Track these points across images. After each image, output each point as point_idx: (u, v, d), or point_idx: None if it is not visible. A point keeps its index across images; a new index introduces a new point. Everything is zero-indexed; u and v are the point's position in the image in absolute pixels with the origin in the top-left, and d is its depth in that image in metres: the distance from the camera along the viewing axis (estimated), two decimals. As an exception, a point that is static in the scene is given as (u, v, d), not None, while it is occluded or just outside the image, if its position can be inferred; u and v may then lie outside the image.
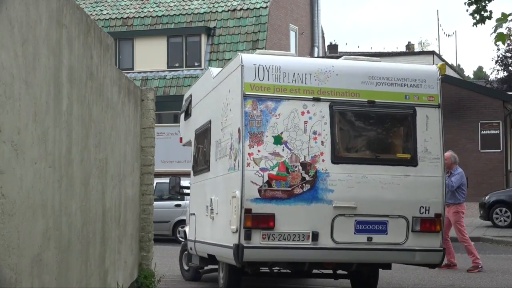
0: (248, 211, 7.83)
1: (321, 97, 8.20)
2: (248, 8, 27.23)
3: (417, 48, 59.40)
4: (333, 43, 47.99)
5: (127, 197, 8.03)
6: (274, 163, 7.98)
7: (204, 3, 28.17)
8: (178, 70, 27.30)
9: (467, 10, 12.41)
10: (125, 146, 7.82)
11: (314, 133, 8.14)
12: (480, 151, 24.46)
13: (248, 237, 7.84)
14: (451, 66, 31.27)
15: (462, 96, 24.85)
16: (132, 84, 8.49)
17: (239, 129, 8.08)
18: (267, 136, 8.01)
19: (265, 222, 7.89)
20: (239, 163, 8.02)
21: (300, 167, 8.05)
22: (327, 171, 8.10)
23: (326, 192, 8.07)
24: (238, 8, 27.32)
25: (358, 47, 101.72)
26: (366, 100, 8.35)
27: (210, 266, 10.43)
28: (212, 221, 9.18)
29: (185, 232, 11.74)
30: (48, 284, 4.71)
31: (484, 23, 12.26)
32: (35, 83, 4.39)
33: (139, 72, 27.63)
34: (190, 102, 11.27)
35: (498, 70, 41.27)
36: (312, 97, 8.18)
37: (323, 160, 8.11)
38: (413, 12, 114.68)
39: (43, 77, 4.55)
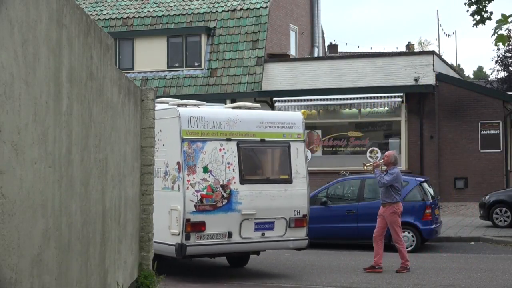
0: (188, 220, 11.05)
1: (231, 138, 11.58)
2: (248, 8, 27.20)
3: (417, 48, 59.35)
4: (333, 43, 47.94)
5: (127, 197, 8.03)
6: (204, 186, 11.25)
7: (204, 3, 28.14)
8: (178, 70, 27.28)
9: (467, 11, 12.41)
10: (125, 146, 7.82)
11: (228, 163, 11.51)
12: (480, 151, 24.42)
13: (188, 238, 11.06)
14: (451, 66, 31.23)
15: (462, 96, 24.81)
16: (132, 84, 8.49)
17: (178, 163, 11.24)
18: (198, 167, 11.26)
19: (199, 227, 11.14)
20: (179, 186, 11.20)
21: (221, 188, 11.40)
22: (237, 190, 11.53)
23: (237, 204, 11.51)
24: (238, 8, 27.30)
25: (358, 47, 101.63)
26: (260, 139, 11.89)
27: None
28: None
29: None
30: (48, 284, 4.71)
31: (484, 24, 12.26)
32: (35, 83, 4.39)
33: (139, 72, 27.61)
34: None
35: (498, 70, 41.26)
36: (225, 138, 11.54)
37: (234, 182, 11.51)
38: (413, 12, 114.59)
39: (43, 77, 4.55)
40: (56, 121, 4.86)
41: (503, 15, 7.24)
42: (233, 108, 12.40)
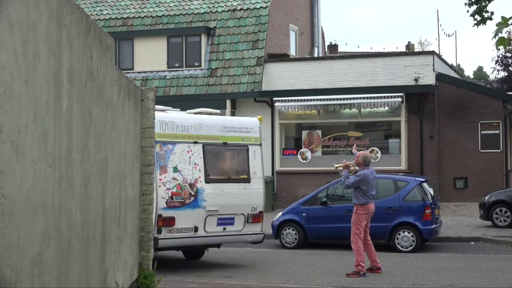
0: (160, 216, 12.08)
1: (198, 141, 12.80)
2: (248, 8, 27.20)
3: (417, 48, 59.34)
4: (333, 43, 47.97)
5: (127, 197, 8.03)
6: (174, 184, 12.34)
7: (204, 3, 28.13)
8: (178, 70, 27.26)
9: (467, 11, 12.40)
10: (125, 146, 7.82)
11: (195, 164, 12.69)
12: (480, 151, 24.41)
13: (159, 232, 12.08)
14: (451, 66, 31.22)
15: (462, 96, 24.80)
16: (132, 84, 8.49)
17: None
18: (169, 167, 12.38)
19: (169, 222, 12.24)
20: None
21: (188, 186, 12.56)
22: (203, 188, 12.75)
23: (202, 201, 12.74)
24: (238, 8, 27.29)
25: (358, 47, 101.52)
26: (222, 142, 13.21)
27: None
28: None
29: None
30: (48, 284, 4.71)
31: (485, 24, 12.24)
32: (35, 83, 4.39)
33: (139, 72, 27.60)
34: None
35: (498, 70, 41.22)
36: (193, 141, 12.74)
37: (200, 181, 12.73)
38: (413, 12, 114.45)
39: (43, 77, 4.55)
40: (56, 121, 4.86)
41: (503, 17, 7.23)
42: (195, 113, 13.61)
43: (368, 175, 12.62)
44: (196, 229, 12.62)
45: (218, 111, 14.53)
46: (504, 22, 7.17)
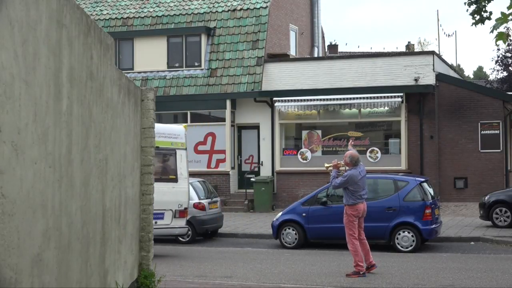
0: None
1: None
2: (248, 8, 27.20)
3: (417, 48, 59.32)
4: (333, 43, 47.91)
5: (127, 197, 8.03)
6: None
7: (204, 3, 28.13)
8: (178, 70, 27.27)
9: (467, 10, 12.40)
10: (125, 146, 7.82)
11: None
12: (480, 151, 24.41)
13: None
14: (451, 66, 31.22)
15: (462, 96, 24.81)
16: (132, 84, 8.49)
17: None
18: None
19: None
20: None
21: None
22: None
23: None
24: (238, 8, 27.30)
25: (358, 47, 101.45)
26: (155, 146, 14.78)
27: None
28: None
29: None
30: (48, 284, 4.71)
31: (484, 23, 12.25)
32: (35, 83, 4.39)
33: (139, 72, 27.60)
34: None
35: (498, 70, 41.23)
36: None
37: None
38: (413, 12, 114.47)
39: (43, 77, 4.56)
40: (56, 121, 4.86)
41: (502, 13, 7.24)
42: None
43: (355, 175, 12.47)
44: None
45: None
46: (503, 18, 7.18)
